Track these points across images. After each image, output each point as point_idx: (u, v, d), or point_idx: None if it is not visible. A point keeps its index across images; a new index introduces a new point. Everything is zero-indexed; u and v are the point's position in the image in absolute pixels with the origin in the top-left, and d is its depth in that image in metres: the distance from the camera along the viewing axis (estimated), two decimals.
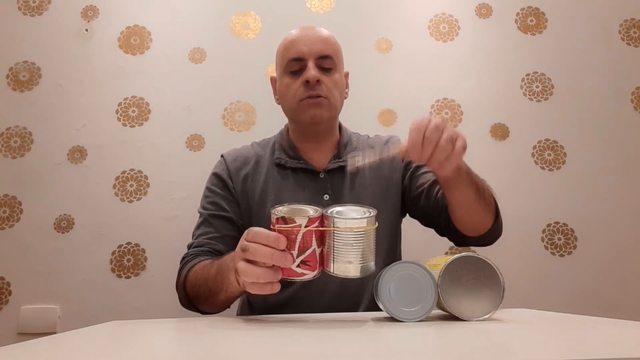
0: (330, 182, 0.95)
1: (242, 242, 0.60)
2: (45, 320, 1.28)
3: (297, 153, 0.97)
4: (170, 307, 1.26)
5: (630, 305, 1.33)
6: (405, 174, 1.00)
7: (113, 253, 1.33)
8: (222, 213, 0.93)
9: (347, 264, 0.58)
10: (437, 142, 0.66)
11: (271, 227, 0.59)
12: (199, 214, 0.96)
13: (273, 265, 0.58)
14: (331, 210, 0.60)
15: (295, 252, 0.58)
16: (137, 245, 1.34)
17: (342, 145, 0.99)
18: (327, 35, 0.96)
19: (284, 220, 0.58)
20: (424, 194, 0.96)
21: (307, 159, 0.97)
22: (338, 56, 0.96)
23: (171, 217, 1.36)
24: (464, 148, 0.68)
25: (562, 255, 1.37)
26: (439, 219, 0.94)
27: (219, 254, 0.87)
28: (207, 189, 0.98)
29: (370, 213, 0.59)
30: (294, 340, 0.48)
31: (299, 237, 0.58)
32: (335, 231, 0.58)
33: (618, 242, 1.37)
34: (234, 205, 0.95)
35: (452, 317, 0.60)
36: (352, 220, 0.58)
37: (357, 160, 0.69)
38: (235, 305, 1.01)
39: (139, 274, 1.33)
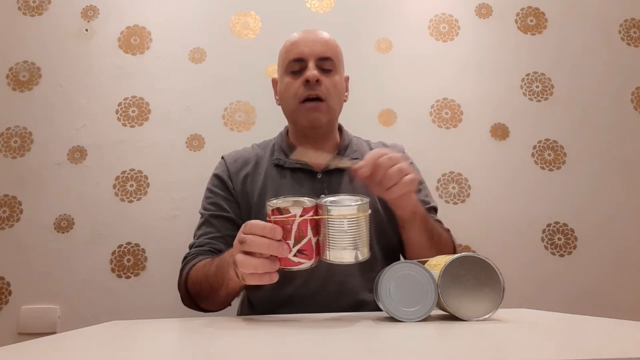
0: (327, 183, 0.95)
1: (240, 234, 0.61)
2: (45, 320, 1.28)
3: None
4: (170, 307, 1.26)
5: (630, 305, 1.33)
6: None
7: (113, 253, 1.33)
8: (222, 213, 0.94)
9: (342, 251, 0.60)
10: (386, 170, 0.69)
11: (267, 218, 0.60)
12: (200, 215, 0.98)
13: (270, 255, 0.59)
14: (325, 199, 0.61)
15: (291, 242, 0.59)
16: (137, 245, 1.34)
17: (342, 148, 1.00)
18: (328, 38, 0.98)
19: (279, 211, 0.59)
20: None
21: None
22: (338, 59, 0.98)
23: (171, 217, 1.36)
24: (412, 183, 0.70)
25: (562, 255, 1.37)
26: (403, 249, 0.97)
27: (219, 253, 0.88)
28: (208, 189, 0.99)
29: (362, 200, 0.61)
30: (294, 340, 0.48)
31: (295, 227, 0.59)
32: (329, 219, 0.59)
33: (618, 242, 1.37)
34: (234, 205, 0.96)
35: (452, 317, 0.60)
36: (345, 207, 0.59)
37: (305, 153, 0.72)
38: (236, 305, 1.01)
39: (139, 274, 1.33)
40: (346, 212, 0.59)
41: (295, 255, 0.60)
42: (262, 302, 0.93)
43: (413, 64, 1.47)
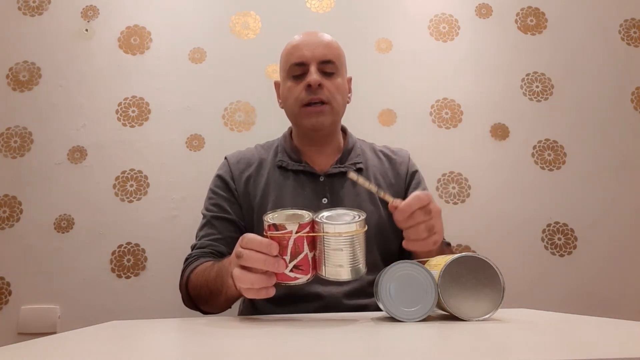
0: (329, 186, 0.95)
1: (237, 248, 0.62)
2: (45, 320, 1.28)
3: (299, 156, 0.99)
4: (170, 307, 1.26)
5: (630, 305, 1.33)
6: (406, 195, 1.00)
7: (113, 253, 1.33)
8: (224, 215, 0.94)
9: (338, 268, 0.60)
10: (417, 223, 0.68)
11: (264, 233, 0.60)
12: (202, 215, 0.98)
13: (267, 270, 0.59)
14: (321, 215, 0.61)
15: (287, 258, 0.59)
16: (137, 245, 1.34)
17: (346, 151, 1.00)
18: (330, 41, 0.97)
19: (275, 227, 0.59)
20: None
21: (309, 161, 0.98)
22: (340, 61, 0.97)
23: (171, 217, 1.36)
24: (434, 244, 0.71)
25: (562, 255, 1.36)
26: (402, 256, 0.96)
27: (221, 255, 0.89)
28: (211, 190, 0.99)
29: (359, 217, 0.60)
30: (294, 340, 0.48)
31: (291, 243, 0.59)
32: (325, 236, 0.59)
33: (618, 242, 1.37)
34: (236, 207, 0.96)
35: (452, 317, 0.60)
36: (341, 225, 0.59)
37: (357, 176, 0.72)
38: (237, 304, 1.01)
39: (139, 274, 1.33)
40: (342, 229, 0.59)
41: (291, 271, 0.60)
42: (263, 302, 0.93)
43: (413, 64, 1.47)
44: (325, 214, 0.61)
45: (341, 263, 0.59)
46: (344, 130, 1.05)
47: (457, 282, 0.58)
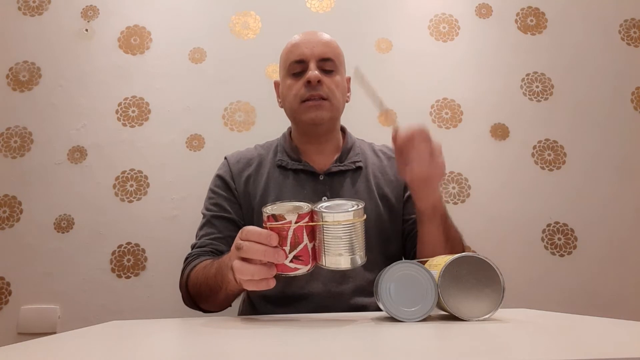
0: (329, 185, 0.96)
1: (237, 240, 0.62)
2: (45, 320, 1.28)
3: (299, 155, 0.99)
4: (170, 307, 1.26)
5: (630, 305, 1.33)
6: (404, 193, 1.00)
7: (113, 253, 1.33)
8: (224, 214, 0.95)
9: (338, 257, 0.60)
10: (418, 144, 0.72)
11: (263, 225, 0.60)
12: (202, 215, 0.98)
13: (267, 261, 0.59)
14: (320, 205, 0.61)
15: (287, 248, 0.59)
16: (137, 245, 1.34)
17: (346, 150, 1.01)
18: (329, 39, 0.98)
19: (274, 217, 0.59)
20: (410, 221, 0.97)
21: (308, 160, 0.98)
22: (339, 60, 0.98)
23: (171, 217, 1.36)
24: (436, 168, 0.72)
25: (562, 255, 1.37)
26: (409, 251, 0.97)
27: (220, 254, 0.88)
28: (210, 190, 1.00)
29: (357, 206, 0.60)
30: (294, 340, 0.48)
31: (290, 233, 0.59)
32: (324, 225, 0.59)
33: (618, 242, 1.37)
34: (236, 206, 0.96)
35: (452, 317, 0.60)
36: (340, 213, 0.59)
37: (362, 75, 0.76)
38: (237, 304, 1.01)
39: (139, 274, 1.33)
40: (341, 218, 0.59)
41: (291, 261, 0.60)
42: (262, 302, 0.94)
43: (413, 64, 1.47)
44: (324, 204, 0.62)
45: (340, 252, 0.59)
46: (343, 130, 1.06)
47: (457, 282, 0.58)
